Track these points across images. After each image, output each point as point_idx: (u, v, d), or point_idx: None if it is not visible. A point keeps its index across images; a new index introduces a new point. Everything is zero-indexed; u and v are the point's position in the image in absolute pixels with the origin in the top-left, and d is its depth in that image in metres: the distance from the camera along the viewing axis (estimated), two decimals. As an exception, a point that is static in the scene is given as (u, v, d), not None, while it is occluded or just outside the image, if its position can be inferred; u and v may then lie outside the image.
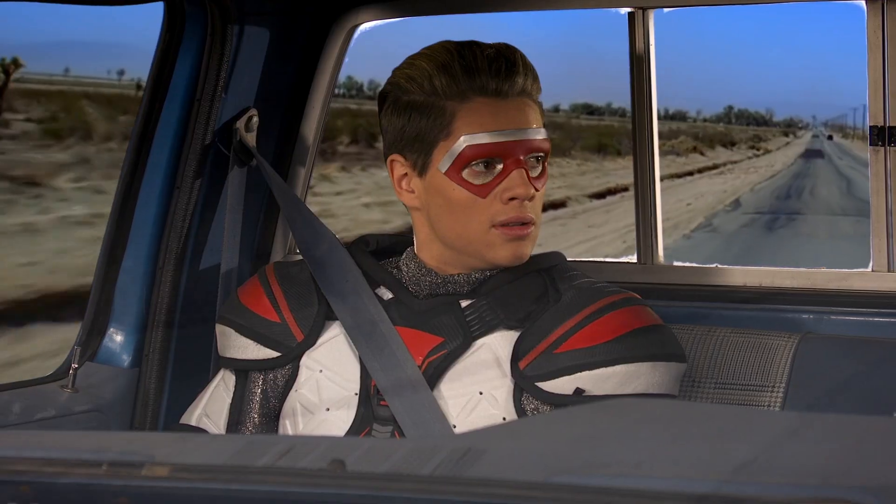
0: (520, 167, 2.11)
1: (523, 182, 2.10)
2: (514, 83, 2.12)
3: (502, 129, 2.11)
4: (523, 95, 2.13)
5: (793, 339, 2.33)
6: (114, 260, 2.53)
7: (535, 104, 2.15)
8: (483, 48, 2.14)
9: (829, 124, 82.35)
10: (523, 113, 2.13)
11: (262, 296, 2.24)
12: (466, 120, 2.11)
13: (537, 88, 2.16)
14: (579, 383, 2.07)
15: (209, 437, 2.02)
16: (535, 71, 2.16)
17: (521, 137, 2.12)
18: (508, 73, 2.12)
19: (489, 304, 2.14)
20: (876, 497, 1.01)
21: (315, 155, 2.72)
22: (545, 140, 2.14)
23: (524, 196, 2.10)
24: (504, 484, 1.06)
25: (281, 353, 2.19)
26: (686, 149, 38.34)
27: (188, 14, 2.48)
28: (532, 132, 2.13)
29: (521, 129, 2.12)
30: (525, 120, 2.12)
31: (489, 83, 2.11)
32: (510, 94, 2.12)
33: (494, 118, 2.11)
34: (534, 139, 2.12)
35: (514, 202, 2.10)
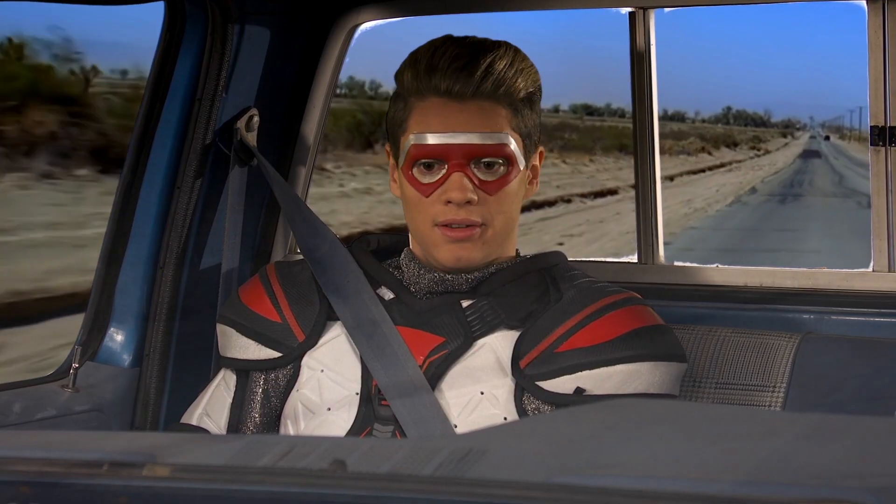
0: (461, 171, 2.09)
1: (460, 187, 2.09)
2: (468, 85, 2.09)
3: (447, 131, 2.10)
4: (480, 98, 2.10)
5: (794, 339, 2.33)
6: (114, 259, 2.53)
7: (499, 107, 2.11)
8: (455, 47, 2.12)
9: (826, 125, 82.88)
10: (475, 116, 2.10)
11: (263, 296, 2.23)
12: (417, 118, 2.12)
13: (509, 91, 2.11)
14: (580, 383, 2.07)
15: (210, 437, 2.02)
16: (515, 73, 2.12)
17: (464, 141, 2.09)
18: (463, 73, 2.09)
19: (490, 304, 2.14)
20: (877, 497, 1.01)
21: (316, 154, 2.71)
22: (500, 145, 2.10)
23: (458, 201, 2.09)
24: (505, 484, 1.06)
25: (282, 353, 2.19)
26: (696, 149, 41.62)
27: (189, 13, 2.48)
28: (481, 136, 2.09)
29: (467, 132, 2.09)
30: (475, 123, 2.09)
31: (442, 83, 2.10)
32: (464, 96, 2.10)
33: (442, 119, 2.10)
34: (481, 144, 2.09)
35: (451, 205, 2.10)
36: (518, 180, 2.14)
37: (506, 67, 2.11)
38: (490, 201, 2.11)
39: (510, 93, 2.11)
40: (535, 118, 2.16)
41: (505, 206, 2.12)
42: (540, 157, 2.21)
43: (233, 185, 2.52)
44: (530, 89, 2.15)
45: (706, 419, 1.29)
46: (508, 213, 2.13)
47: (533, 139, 2.16)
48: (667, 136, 40.84)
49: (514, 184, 2.13)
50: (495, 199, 2.11)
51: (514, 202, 2.14)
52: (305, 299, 2.21)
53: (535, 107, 2.16)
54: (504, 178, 2.11)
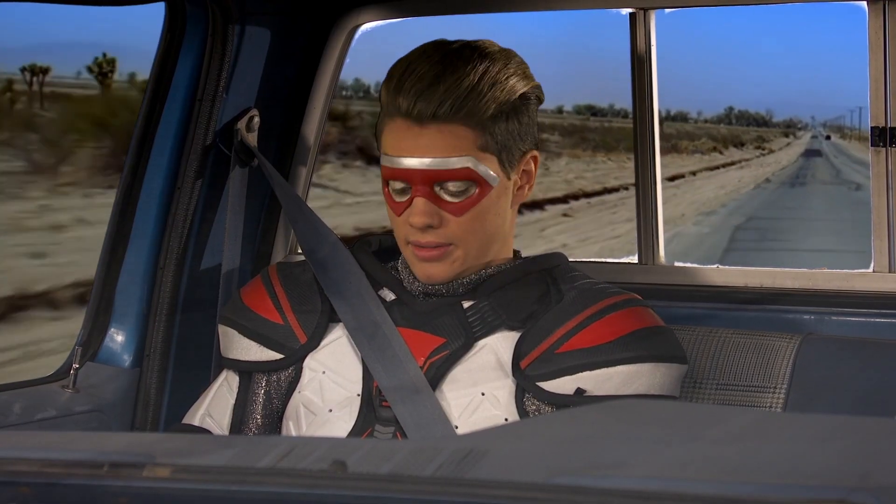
0: (423, 195, 2.08)
1: (421, 212, 2.07)
2: (427, 108, 2.05)
3: (408, 155, 2.07)
4: (440, 121, 2.05)
5: (794, 340, 2.33)
6: (115, 260, 2.53)
7: (461, 129, 2.06)
8: (424, 64, 2.08)
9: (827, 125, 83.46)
10: (435, 140, 2.06)
11: (265, 297, 2.23)
12: (386, 138, 2.10)
13: (471, 112, 2.06)
14: (580, 383, 2.07)
15: (210, 438, 2.02)
16: (481, 92, 2.06)
17: (424, 167, 2.07)
18: (424, 96, 2.05)
19: (491, 305, 2.14)
20: (877, 498, 1.01)
21: (316, 155, 2.72)
22: (461, 170, 2.06)
23: (418, 225, 2.08)
24: (506, 485, 1.06)
25: (284, 354, 2.19)
26: (708, 149, 46.08)
27: (189, 14, 2.48)
28: (439, 161, 2.06)
29: (427, 157, 2.06)
30: (434, 148, 2.06)
31: (405, 103, 2.06)
32: (424, 119, 2.06)
33: (405, 142, 2.07)
34: (441, 169, 2.06)
35: (414, 228, 2.09)
36: (492, 197, 2.10)
37: (469, 88, 2.06)
38: (458, 222, 2.09)
39: (473, 114, 2.06)
40: (517, 127, 2.11)
41: (476, 225, 2.10)
42: (534, 162, 2.16)
43: (233, 185, 2.52)
44: (506, 100, 2.09)
45: (706, 420, 1.29)
46: (483, 229, 2.10)
47: (516, 149, 2.11)
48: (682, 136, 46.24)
49: (485, 202, 2.09)
50: (463, 220, 2.09)
51: (491, 217, 2.11)
52: (307, 301, 2.21)
53: (517, 117, 2.10)
54: (471, 199, 2.08)
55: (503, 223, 2.14)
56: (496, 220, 2.12)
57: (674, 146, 41.40)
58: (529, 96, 2.13)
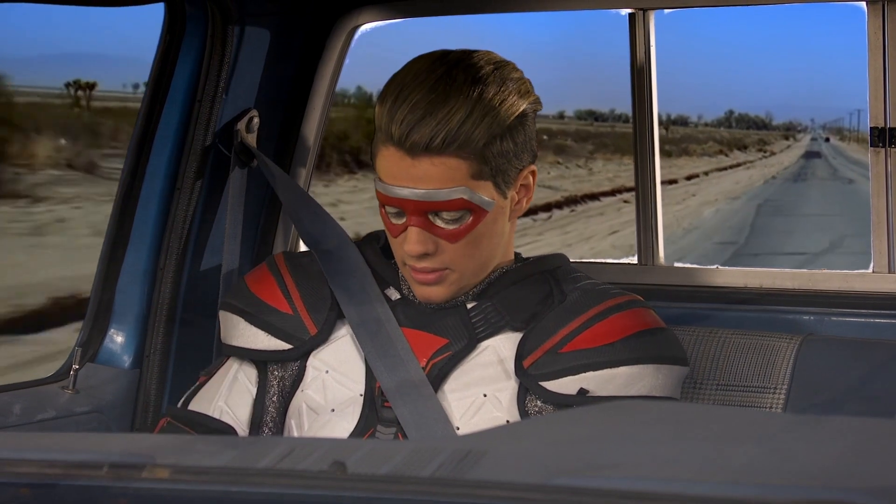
0: (417, 225, 2.07)
1: (416, 241, 2.07)
2: (419, 141, 2.03)
3: (402, 185, 2.06)
4: (433, 153, 2.03)
5: (794, 340, 2.33)
6: (115, 261, 2.53)
7: (454, 160, 2.04)
8: (418, 91, 2.05)
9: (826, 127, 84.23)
10: (427, 172, 2.04)
11: (273, 286, 2.22)
12: (380, 162, 2.09)
13: (464, 144, 2.03)
14: (583, 383, 2.07)
15: (210, 439, 2.02)
16: (473, 123, 2.04)
17: (417, 198, 2.05)
18: (416, 128, 2.03)
19: (494, 306, 2.14)
20: (877, 499, 1.01)
21: (316, 156, 2.71)
22: (455, 201, 2.05)
23: (414, 254, 2.07)
24: (505, 486, 1.06)
25: (293, 345, 2.18)
26: (715, 151, 51.07)
27: (189, 15, 2.47)
28: (432, 193, 2.04)
29: (420, 188, 2.05)
30: (427, 180, 2.04)
31: (397, 132, 2.04)
32: (416, 151, 2.04)
33: (395, 171, 2.06)
34: (434, 201, 2.05)
35: (414, 256, 2.09)
36: (489, 221, 2.09)
37: (461, 120, 2.04)
38: (453, 248, 2.08)
39: (466, 145, 2.04)
40: (512, 148, 2.08)
41: (472, 250, 2.09)
42: (532, 176, 2.14)
43: (233, 186, 2.52)
44: (500, 127, 2.06)
45: (706, 421, 1.29)
46: (479, 253, 2.10)
47: (512, 168, 2.09)
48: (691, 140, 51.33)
49: (480, 228, 2.09)
50: (459, 246, 2.09)
51: (487, 240, 2.10)
52: (317, 293, 2.20)
53: (512, 137, 2.08)
54: (466, 226, 2.08)
55: (500, 240, 2.14)
56: (493, 240, 2.12)
57: (684, 150, 45.17)
58: (527, 113, 2.11)
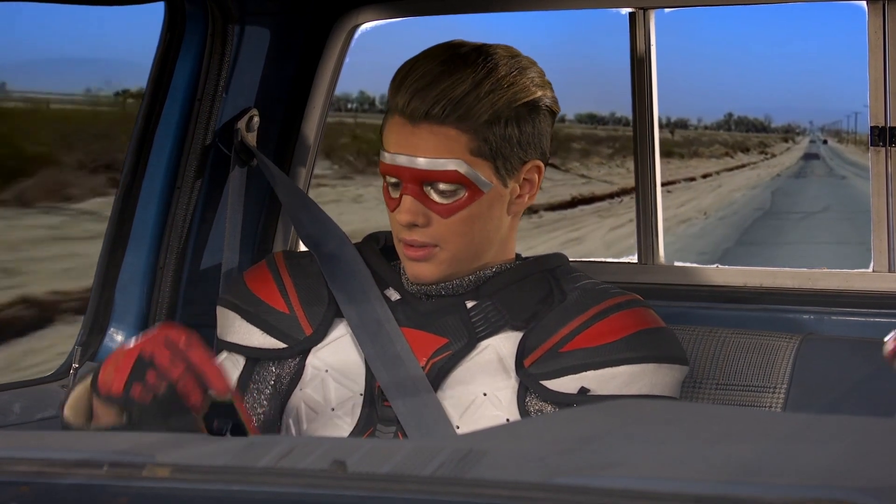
0: (411, 194, 2.08)
1: (408, 210, 2.08)
2: (421, 107, 2.05)
3: (400, 152, 2.08)
4: (432, 121, 2.05)
5: (794, 340, 2.33)
6: (114, 260, 2.53)
7: (453, 131, 2.06)
8: (428, 64, 2.08)
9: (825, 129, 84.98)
10: (425, 140, 2.06)
11: (271, 284, 2.22)
12: (385, 134, 2.11)
13: (465, 116, 2.05)
14: (584, 382, 2.07)
15: (210, 438, 2.02)
16: (477, 97, 2.05)
17: (411, 166, 2.07)
18: (419, 95, 2.06)
19: (494, 305, 2.13)
20: (877, 498, 1.01)
21: (316, 155, 2.71)
22: (448, 171, 2.06)
23: (402, 223, 2.09)
24: (505, 485, 1.06)
25: (287, 344, 2.18)
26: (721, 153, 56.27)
27: (189, 14, 2.47)
28: (428, 162, 2.06)
29: (415, 156, 2.07)
30: (423, 148, 2.06)
31: (400, 101, 2.07)
32: (417, 118, 2.06)
33: (397, 139, 2.08)
34: (428, 169, 2.06)
35: (401, 225, 2.10)
36: (484, 203, 2.09)
37: (465, 92, 2.06)
38: (444, 223, 2.09)
39: (467, 117, 2.06)
40: (517, 135, 2.09)
41: (465, 229, 2.09)
42: (538, 173, 2.14)
43: (233, 185, 2.52)
44: (504, 109, 2.07)
45: (706, 420, 1.29)
46: (471, 234, 2.10)
47: (515, 157, 2.10)
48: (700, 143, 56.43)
49: (475, 207, 2.09)
50: (450, 222, 2.09)
51: (481, 224, 2.10)
52: (315, 293, 2.20)
53: (518, 124, 2.09)
54: (460, 202, 2.08)
55: (496, 229, 2.13)
56: (487, 225, 2.11)
57: (694, 152, 49.87)
58: (538, 106, 2.11)
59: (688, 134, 62.91)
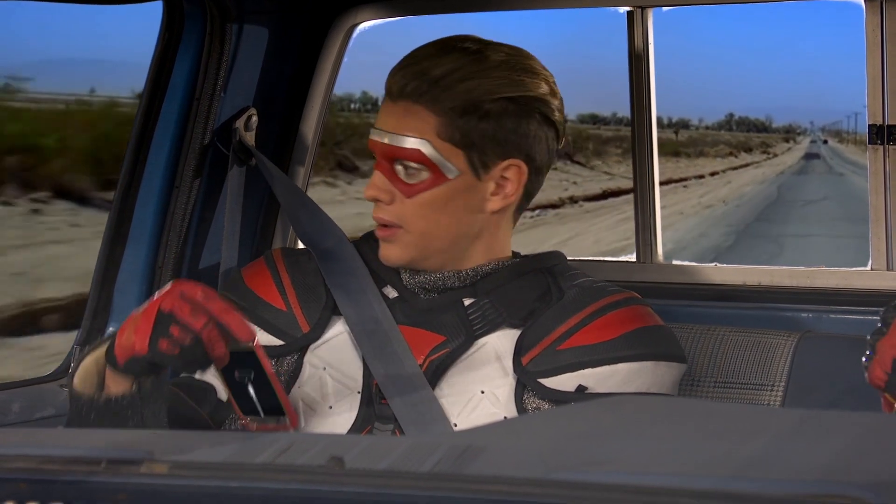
0: (381, 169, 2.11)
1: (373, 184, 2.11)
2: (397, 84, 2.09)
3: (377, 127, 2.12)
4: (407, 99, 2.08)
5: (792, 337, 2.33)
6: (113, 259, 2.53)
7: (425, 112, 2.07)
8: (426, 48, 2.12)
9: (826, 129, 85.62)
10: (398, 117, 2.09)
11: (269, 281, 2.22)
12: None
13: (437, 98, 2.06)
14: (582, 380, 2.07)
15: (208, 434, 2.02)
16: (454, 81, 2.07)
17: (381, 140, 2.10)
18: (400, 73, 2.10)
19: (492, 303, 2.13)
20: (876, 494, 1.01)
21: (314, 154, 2.71)
22: (412, 150, 2.07)
23: (368, 196, 2.12)
24: (503, 481, 1.06)
25: (284, 342, 2.18)
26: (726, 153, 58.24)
27: (187, 13, 2.48)
28: (395, 138, 2.08)
29: (387, 132, 2.10)
30: (395, 125, 2.09)
31: (388, 80, 2.13)
32: (394, 96, 2.10)
33: (381, 117, 2.13)
34: (393, 145, 2.09)
35: (370, 200, 2.13)
36: (450, 189, 2.09)
37: (442, 75, 2.07)
38: (407, 204, 2.10)
39: (438, 100, 2.07)
40: (494, 130, 2.08)
41: (426, 212, 2.09)
42: (517, 173, 2.11)
43: (231, 184, 2.52)
44: (478, 101, 2.07)
45: (704, 416, 1.29)
46: (436, 220, 2.10)
47: (491, 152, 2.09)
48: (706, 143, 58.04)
49: (440, 191, 2.09)
50: (413, 203, 2.09)
51: (448, 211, 2.10)
52: (312, 291, 2.20)
53: (496, 120, 2.08)
54: (423, 184, 2.09)
55: (469, 223, 2.12)
56: (457, 216, 2.10)
57: (700, 151, 52.35)
58: (527, 107, 2.10)
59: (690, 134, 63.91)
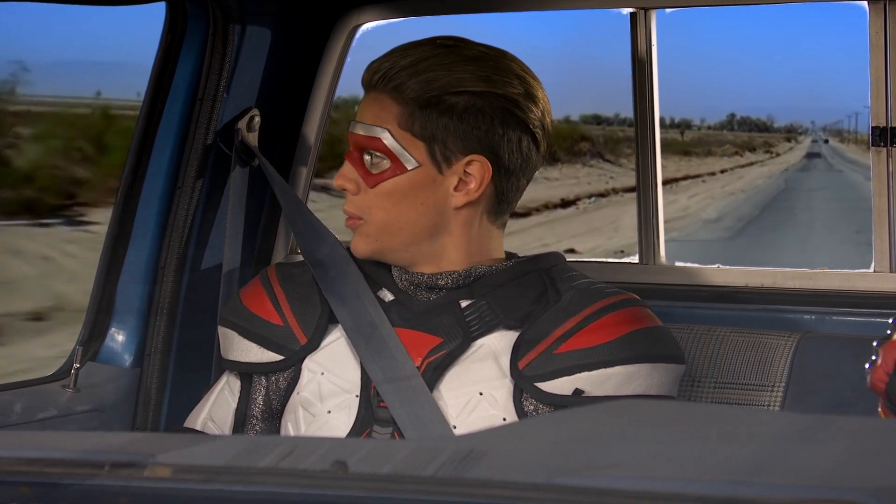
0: (350, 159, 2.15)
1: (341, 174, 2.15)
2: (367, 75, 2.15)
3: (353, 119, 2.16)
4: (375, 90, 2.14)
5: (792, 338, 2.33)
6: (115, 260, 2.53)
7: (389, 102, 2.11)
8: (407, 45, 2.15)
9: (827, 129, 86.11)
10: (367, 108, 2.14)
11: (264, 298, 2.23)
12: None
13: (398, 88, 2.10)
14: (578, 384, 2.07)
15: (211, 437, 2.02)
16: (416, 72, 2.09)
17: (351, 130, 2.16)
18: (374, 63, 2.15)
19: (489, 304, 2.13)
20: (877, 498, 1.01)
21: (317, 155, 2.72)
22: (372, 138, 2.12)
23: (336, 186, 2.15)
24: (506, 485, 1.06)
25: (284, 356, 2.19)
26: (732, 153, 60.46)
27: (190, 14, 2.48)
28: (361, 127, 2.14)
29: (357, 122, 2.15)
30: (363, 114, 2.14)
31: (363, 73, 2.17)
32: (366, 87, 2.16)
33: (358, 108, 2.17)
34: (357, 134, 2.14)
35: (339, 191, 2.16)
36: (410, 181, 2.10)
37: (406, 66, 2.10)
38: (369, 194, 2.13)
39: (400, 90, 2.11)
40: (457, 125, 2.08)
41: (385, 203, 2.12)
42: (479, 169, 2.10)
43: (234, 185, 2.52)
44: (440, 95, 2.08)
45: (706, 419, 1.29)
46: (395, 212, 2.12)
47: (453, 146, 2.09)
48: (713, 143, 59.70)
49: (400, 182, 2.11)
50: (374, 193, 2.13)
51: (408, 204, 2.11)
52: (307, 302, 2.21)
53: (459, 115, 2.08)
54: (384, 173, 2.12)
55: (435, 218, 2.12)
56: (417, 208, 2.12)
57: (708, 151, 54.77)
58: (495, 105, 2.10)
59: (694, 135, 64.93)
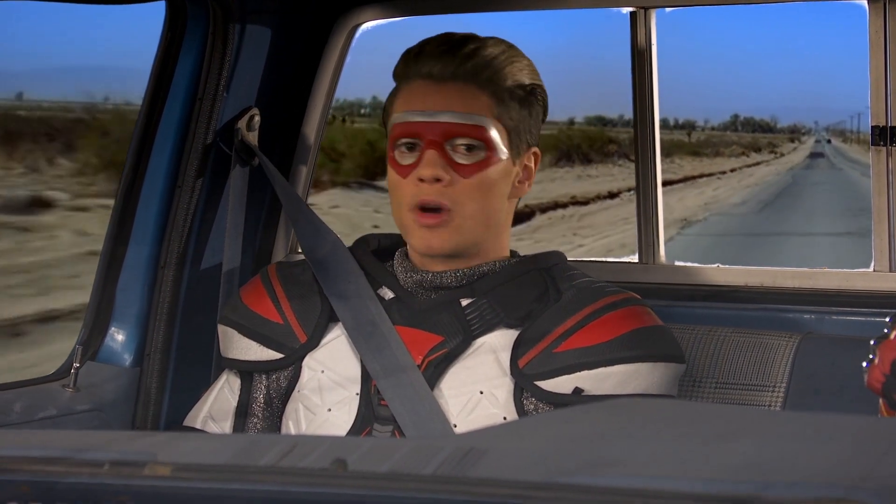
0: (435, 149, 2.10)
1: (431, 164, 2.09)
2: (448, 66, 2.11)
3: (425, 109, 2.11)
4: (461, 80, 2.11)
5: (793, 338, 2.33)
6: (115, 259, 2.53)
7: (480, 92, 2.11)
8: (447, 35, 2.15)
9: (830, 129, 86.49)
10: (453, 97, 2.11)
11: (264, 296, 2.23)
12: (401, 100, 2.14)
13: (491, 78, 2.12)
14: (578, 383, 2.07)
15: (211, 436, 2.02)
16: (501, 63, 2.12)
17: (438, 119, 2.10)
18: (446, 56, 2.12)
19: (489, 303, 2.13)
20: (878, 497, 1.01)
21: (317, 154, 2.71)
22: (476, 127, 2.10)
23: (427, 177, 2.09)
24: (506, 484, 1.06)
25: (284, 354, 2.19)
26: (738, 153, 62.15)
27: (190, 13, 2.48)
28: (455, 116, 2.10)
29: (443, 111, 2.10)
30: (452, 104, 2.10)
31: (425, 66, 2.12)
32: (443, 78, 2.11)
33: (422, 99, 2.12)
34: (456, 122, 2.10)
35: (423, 184, 2.09)
36: (498, 170, 2.12)
37: (491, 57, 2.12)
38: (462, 184, 2.10)
39: (493, 80, 2.12)
40: (527, 117, 2.15)
41: (479, 194, 2.11)
42: (535, 160, 2.18)
43: (234, 184, 2.52)
44: (520, 82, 2.14)
45: (707, 419, 1.29)
46: (483, 202, 2.11)
47: (524, 137, 2.15)
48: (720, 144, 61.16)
49: (492, 171, 2.11)
50: (468, 184, 2.10)
51: (493, 194, 2.12)
52: (307, 300, 2.21)
53: (528, 105, 2.15)
54: (481, 163, 2.10)
55: (501, 208, 2.15)
56: (497, 198, 2.13)
57: (716, 151, 56.33)
58: (536, 93, 2.17)
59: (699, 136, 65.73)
